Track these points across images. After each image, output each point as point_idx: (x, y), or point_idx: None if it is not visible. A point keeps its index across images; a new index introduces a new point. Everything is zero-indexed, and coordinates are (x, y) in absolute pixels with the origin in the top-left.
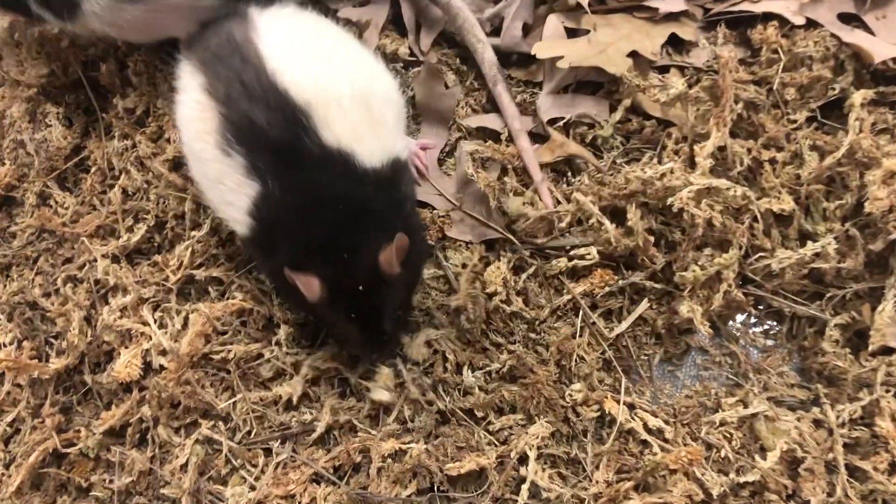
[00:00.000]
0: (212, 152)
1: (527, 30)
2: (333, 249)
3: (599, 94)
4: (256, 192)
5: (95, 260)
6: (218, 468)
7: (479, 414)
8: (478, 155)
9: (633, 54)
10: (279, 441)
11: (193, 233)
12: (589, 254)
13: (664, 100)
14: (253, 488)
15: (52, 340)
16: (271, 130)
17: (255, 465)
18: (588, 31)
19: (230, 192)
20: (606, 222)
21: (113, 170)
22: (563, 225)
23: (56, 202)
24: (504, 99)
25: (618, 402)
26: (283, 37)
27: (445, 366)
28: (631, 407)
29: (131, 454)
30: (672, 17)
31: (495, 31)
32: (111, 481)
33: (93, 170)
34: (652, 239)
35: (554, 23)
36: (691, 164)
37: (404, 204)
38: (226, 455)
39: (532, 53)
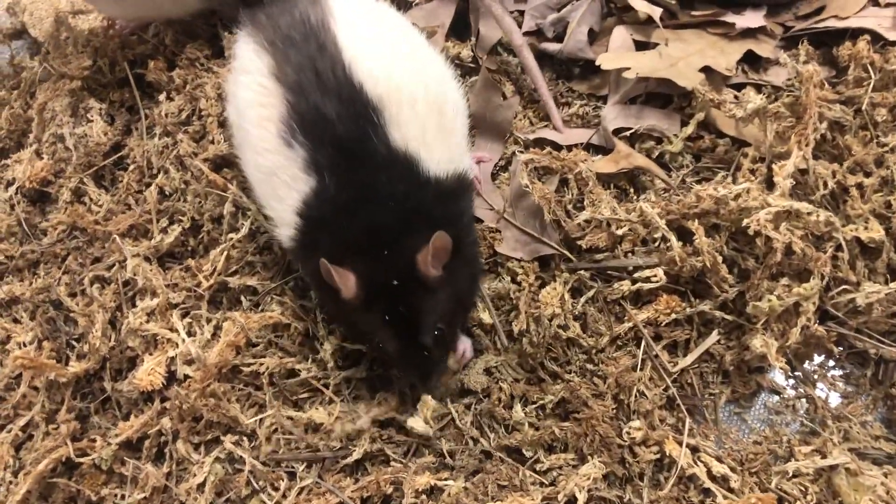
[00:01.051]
0: (272, 142)
1: (592, 39)
2: (373, 246)
3: (669, 108)
4: (310, 189)
5: (125, 260)
6: (238, 489)
7: (528, 453)
8: (534, 164)
9: (706, 70)
10: (305, 465)
11: (231, 235)
12: (655, 276)
13: (741, 115)
14: None
15: (74, 343)
16: (339, 125)
17: (276, 489)
18: (657, 45)
19: (283, 186)
20: (672, 237)
21: (151, 168)
22: (625, 244)
23: (91, 199)
24: (496, 10)
25: (680, 443)
26: (360, 27)
27: (500, 397)
28: (694, 450)
29: (146, 468)
30: (749, 33)
31: (557, 37)
32: (123, 497)
33: (131, 167)
34: (721, 258)
35: (622, 34)
36: (769, 186)
37: (460, 218)
38: (247, 475)
39: (597, 63)
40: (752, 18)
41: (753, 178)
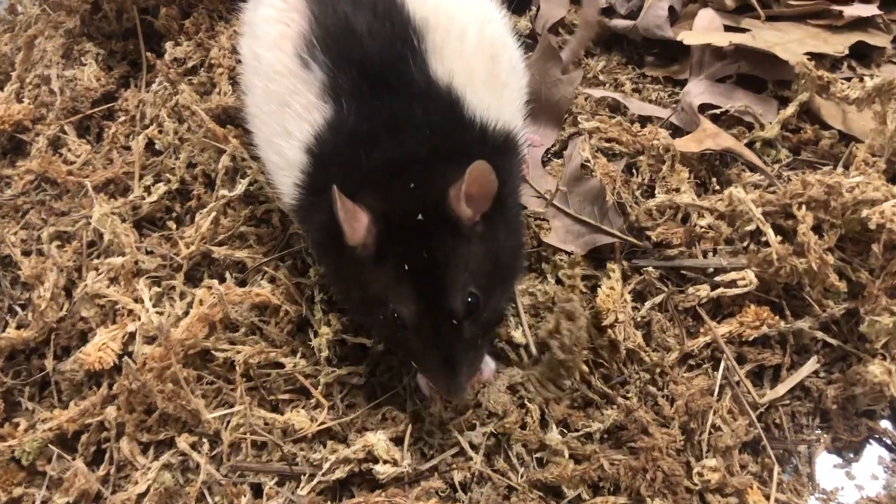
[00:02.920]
0: (287, 63)
1: (672, 21)
2: (395, 180)
3: (764, 94)
4: (325, 120)
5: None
6: (187, 501)
7: (568, 491)
8: (600, 135)
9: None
10: (275, 479)
11: (224, 192)
12: (743, 279)
13: (857, 95)
14: None
15: (18, 309)
16: (369, 42)
17: None
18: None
19: (293, 118)
20: (769, 230)
21: (144, 119)
22: (704, 243)
23: (69, 149)
24: None
25: (767, 497)
26: None
27: (525, 420)
28: None
29: (76, 465)
30: (859, 24)
31: (630, 15)
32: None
33: (121, 118)
34: (831, 260)
35: (709, 15)
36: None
37: (506, 175)
38: (200, 487)
39: (679, 38)
40: (863, 7)
41: (870, 173)
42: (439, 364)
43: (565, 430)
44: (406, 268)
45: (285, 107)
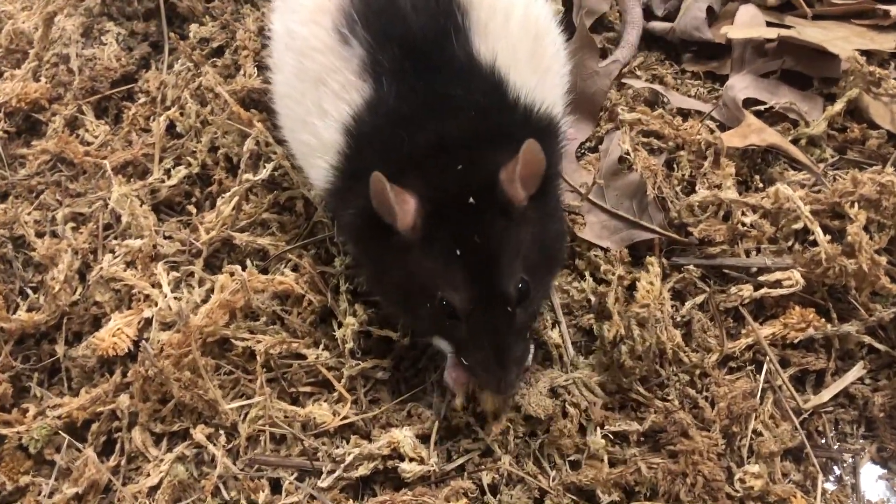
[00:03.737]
0: (324, 38)
1: (711, 21)
2: (442, 163)
3: (809, 91)
4: (364, 99)
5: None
6: (202, 496)
7: (602, 495)
8: (641, 127)
9: None
10: (295, 474)
11: (247, 176)
12: (788, 279)
13: None
14: None
15: (30, 292)
16: (412, 17)
17: (253, 503)
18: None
19: (330, 96)
20: (818, 229)
21: (165, 101)
22: (747, 242)
23: (86, 130)
24: None
25: None
26: None
27: (565, 426)
28: None
29: (86, 455)
30: None
31: (668, 17)
32: (50, 494)
33: (141, 100)
34: (883, 261)
35: (751, 11)
36: None
37: (551, 163)
38: (216, 481)
39: (722, 32)
40: None
41: None
42: (490, 356)
43: (608, 434)
44: (457, 252)
45: (321, 85)
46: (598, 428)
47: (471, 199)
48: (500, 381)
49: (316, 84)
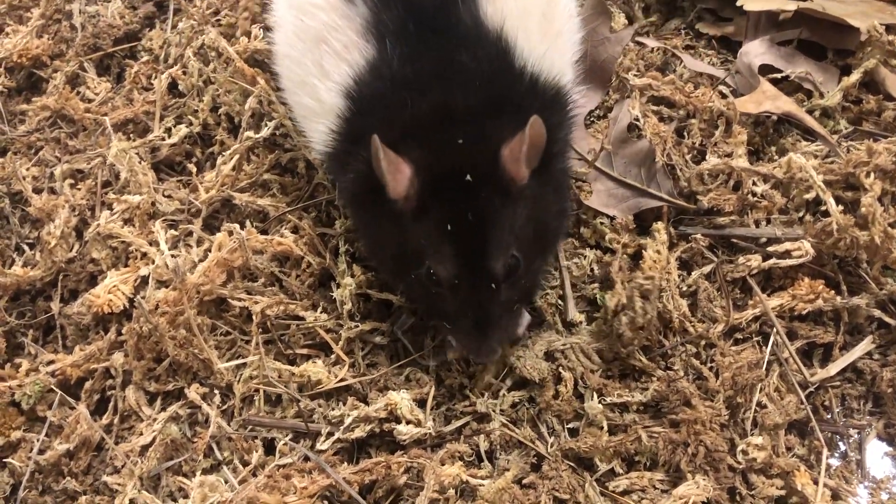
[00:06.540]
0: None
1: None
2: (442, 133)
3: (824, 62)
4: (366, 61)
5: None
6: (194, 458)
7: (601, 463)
8: (650, 94)
9: None
10: (290, 435)
11: (249, 134)
12: (798, 249)
13: None
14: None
15: (26, 248)
16: None
17: (246, 463)
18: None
19: (331, 56)
20: (830, 199)
21: (168, 60)
22: (756, 212)
23: (87, 87)
24: None
25: (815, 482)
26: None
27: (557, 389)
28: (835, 497)
29: (79, 411)
30: None
31: None
32: (42, 450)
33: (144, 58)
34: None
35: None
36: None
37: (555, 138)
38: (209, 441)
39: (738, 4)
40: None
41: None
42: (471, 325)
43: (605, 399)
44: (448, 226)
45: (322, 44)
46: (594, 394)
47: (468, 177)
48: (480, 346)
49: (316, 43)
